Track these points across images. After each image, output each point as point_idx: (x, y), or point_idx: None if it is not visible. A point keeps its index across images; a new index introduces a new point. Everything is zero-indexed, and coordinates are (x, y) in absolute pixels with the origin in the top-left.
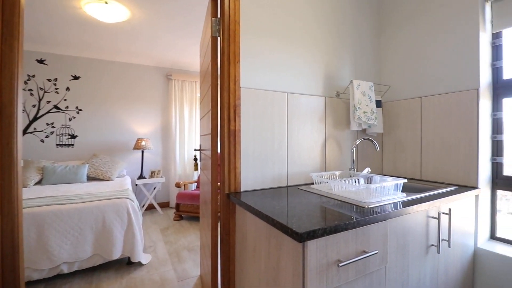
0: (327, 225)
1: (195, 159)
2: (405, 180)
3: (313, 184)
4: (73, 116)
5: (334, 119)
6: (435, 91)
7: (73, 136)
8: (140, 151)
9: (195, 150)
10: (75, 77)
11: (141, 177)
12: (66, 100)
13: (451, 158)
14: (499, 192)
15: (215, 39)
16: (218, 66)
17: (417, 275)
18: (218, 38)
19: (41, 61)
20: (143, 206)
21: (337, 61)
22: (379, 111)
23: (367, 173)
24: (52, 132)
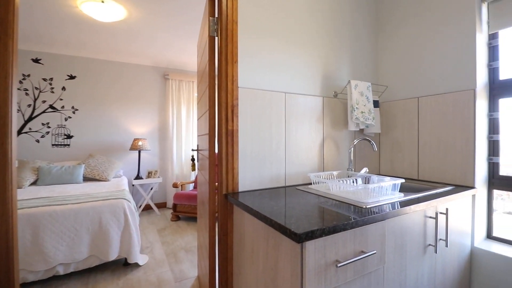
0: (326, 226)
1: (193, 159)
2: (403, 180)
3: (311, 184)
4: (69, 116)
5: (332, 119)
6: (432, 91)
7: (69, 136)
8: (137, 151)
9: (193, 150)
10: (71, 77)
11: (138, 177)
12: (62, 100)
13: (448, 158)
14: (495, 192)
15: (212, 38)
16: (216, 65)
17: (414, 275)
18: (216, 38)
19: (36, 61)
20: (140, 207)
21: (335, 61)
22: (376, 111)
23: (364, 173)
24: (47, 132)
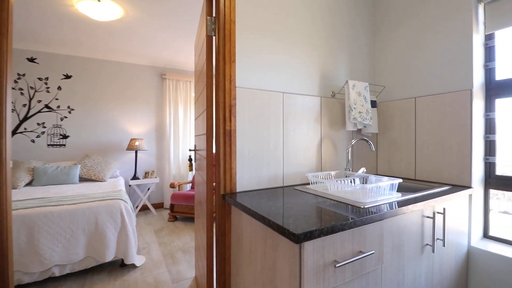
0: (324, 226)
1: (190, 160)
2: (401, 180)
3: (309, 184)
4: (65, 116)
5: (330, 119)
6: (429, 91)
7: (64, 136)
8: (134, 152)
9: (190, 150)
10: (67, 76)
11: (134, 177)
12: (58, 99)
13: (445, 157)
14: (491, 191)
15: (210, 38)
16: (214, 65)
17: (412, 274)
18: (213, 37)
19: (31, 60)
20: (137, 207)
21: (333, 61)
22: (374, 111)
23: (362, 173)
24: (43, 132)
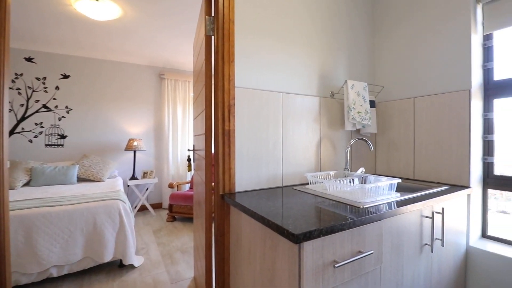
0: (323, 226)
1: (189, 160)
2: (400, 180)
3: (308, 184)
4: (63, 116)
5: (329, 119)
6: (428, 91)
7: (62, 136)
8: (132, 152)
9: (189, 150)
10: (65, 76)
11: (133, 178)
12: (56, 99)
13: (443, 157)
14: (489, 191)
15: (209, 37)
16: (212, 65)
17: (411, 274)
18: (212, 37)
19: (29, 59)
20: (135, 208)
21: (332, 61)
22: (373, 111)
23: (361, 173)
24: (40, 132)
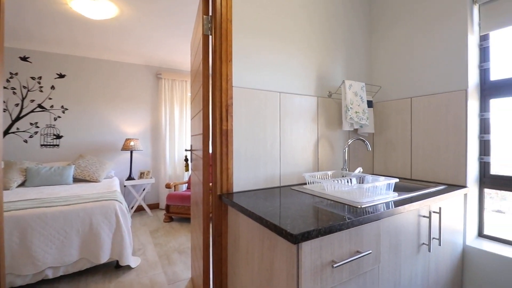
0: (321, 226)
1: (186, 160)
2: (397, 179)
3: (306, 184)
4: (58, 116)
5: (326, 119)
6: (425, 91)
7: (58, 136)
8: (129, 152)
9: (186, 150)
10: (60, 75)
11: (129, 178)
12: (51, 99)
13: (440, 157)
14: (485, 191)
15: (206, 37)
16: (210, 65)
17: (409, 274)
18: (210, 37)
19: (24, 59)
20: (132, 208)
21: (329, 61)
22: (370, 111)
23: (359, 173)
24: (36, 132)
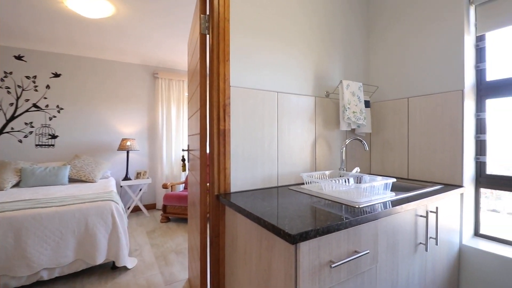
0: (319, 226)
1: (183, 160)
2: (395, 179)
3: (303, 184)
4: (54, 115)
5: (324, 119)
6: (422, 92)
7: (53, 136)
8: (125, 152)
9: (183, 150)
10: (56, 75)
11: (126, 178)
12: (46, 98)
13: (437, 157)
14: (481, 190)
15: (204, 36)
16: (207, 64)
17: (406, 273)
18: (207, 36)
19: (19, 58)
20: (129, 208)
21: (327, 61)
22: (367, 111)
23: (356, 172)
24: (31, 132)
